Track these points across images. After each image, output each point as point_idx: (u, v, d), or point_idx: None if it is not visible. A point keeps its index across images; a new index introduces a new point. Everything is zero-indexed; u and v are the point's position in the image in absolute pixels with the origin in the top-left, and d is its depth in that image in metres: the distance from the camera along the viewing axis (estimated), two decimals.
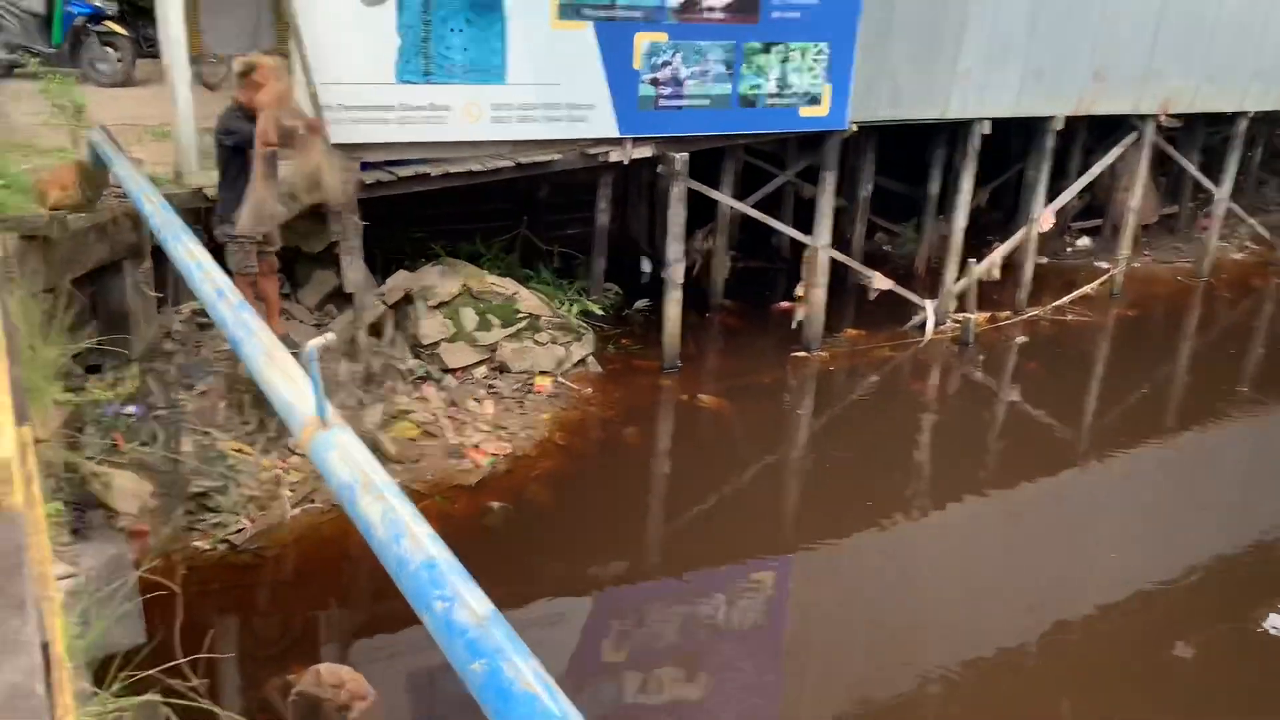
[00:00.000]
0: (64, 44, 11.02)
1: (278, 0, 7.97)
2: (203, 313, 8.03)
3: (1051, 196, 13.47)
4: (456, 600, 2.59)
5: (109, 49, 11.13)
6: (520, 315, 9.85)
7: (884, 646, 6.98)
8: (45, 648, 1.43)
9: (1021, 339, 12.22)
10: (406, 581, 2.76)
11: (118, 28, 11.13)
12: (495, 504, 7.92)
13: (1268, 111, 14.46)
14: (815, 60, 9.87)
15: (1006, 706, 6.39)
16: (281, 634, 6.60)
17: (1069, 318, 12.92)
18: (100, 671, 3.78)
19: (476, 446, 8.55)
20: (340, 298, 9.13)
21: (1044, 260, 14.55)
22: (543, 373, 9.72)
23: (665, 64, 9.26)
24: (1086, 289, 13.39)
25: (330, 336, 3.41)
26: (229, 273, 7.38)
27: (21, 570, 1.23)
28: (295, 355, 3.53)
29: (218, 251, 7.59)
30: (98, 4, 11.01)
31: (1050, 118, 11.95)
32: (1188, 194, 16.55)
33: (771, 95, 9.87)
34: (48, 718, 1.04)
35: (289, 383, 3.63)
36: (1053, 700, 6.49)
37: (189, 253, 4.95)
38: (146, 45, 11.45)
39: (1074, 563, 8.11)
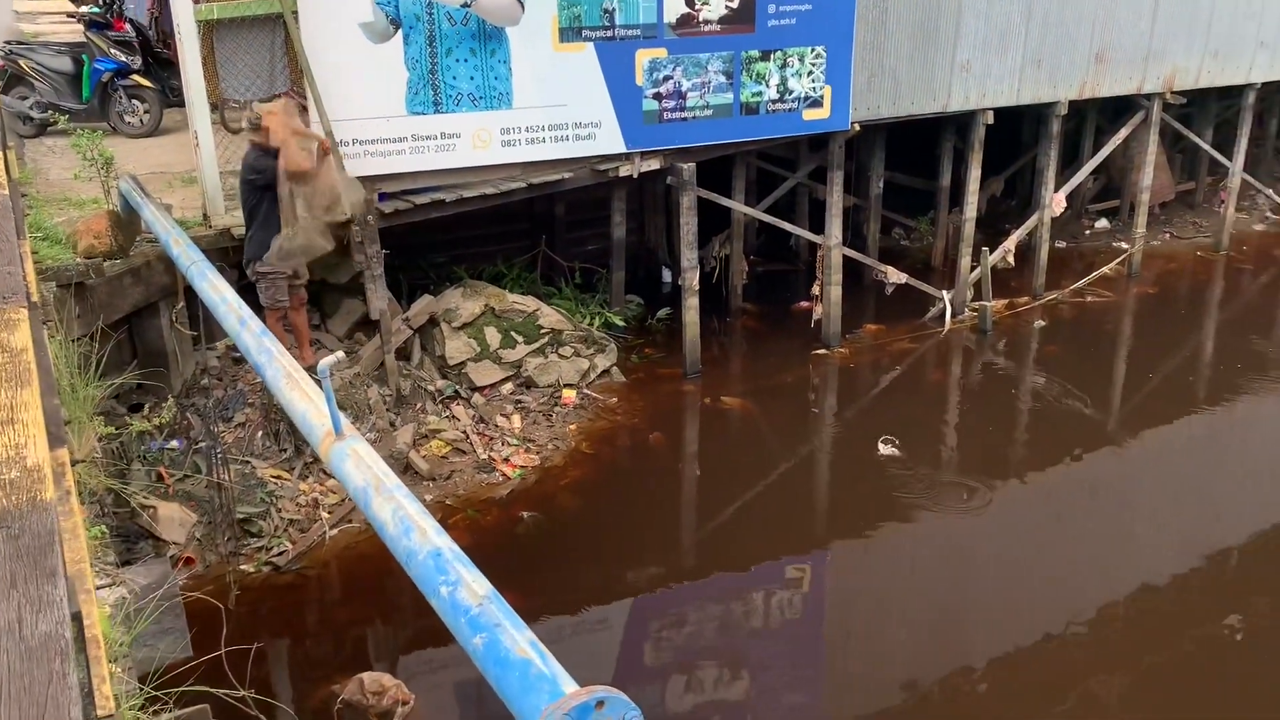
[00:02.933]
0: (93, 99, 11.50)
1: (289, 43, 8.32)
2: (236, 348, 8.39)
3: (1065, 180, 13.57)
4: (460, 583, 2.84)
5: (136, 102, 11.59)
6: (543, 331, 10.12)
7: (924, 635, 7.11)
8: (77, 616, 1.69)
9: (1040, 323, 12.31)
10: (416, 570, 3.02)
11: (143, 81, 11.59)
12: (526, 514, 8.18)
13: (1277, 81, 14.45)
14: (814, 64, 10.09)
15: (1054, 688, 6.47)
16: (326, 648, 6.89)
17: (1088, 299, 12.98)
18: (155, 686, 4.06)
19: (506, 460, 8.82)
20: (368, 325, 9.46)
21: (1062, 244, 14.65)
22: (568, 385, 9.99)
23: (667, 78, 9.52)
24: (1104, 270, 13.44)
25: (340, 355, 3.68)
26: (260, 309, 7.79)
27: (54, 548, 1.49)
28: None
29: (250, 289, 7.99)
30: (123, 59, 11.48)
31: (1054, 103, 12.06)
32: (1204, 169, 16.53)
33: (773, 101, 10.09)
34: (74, 661, 1.29)
35: (307, 401, 3.91)
36: (1103, 679, 6.56)
37: (214, 288, 5.28)
38: (172, 95, 11.91)
39: (1112, 542, 8.20)
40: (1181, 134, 14.92)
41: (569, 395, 9.86)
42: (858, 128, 10.73)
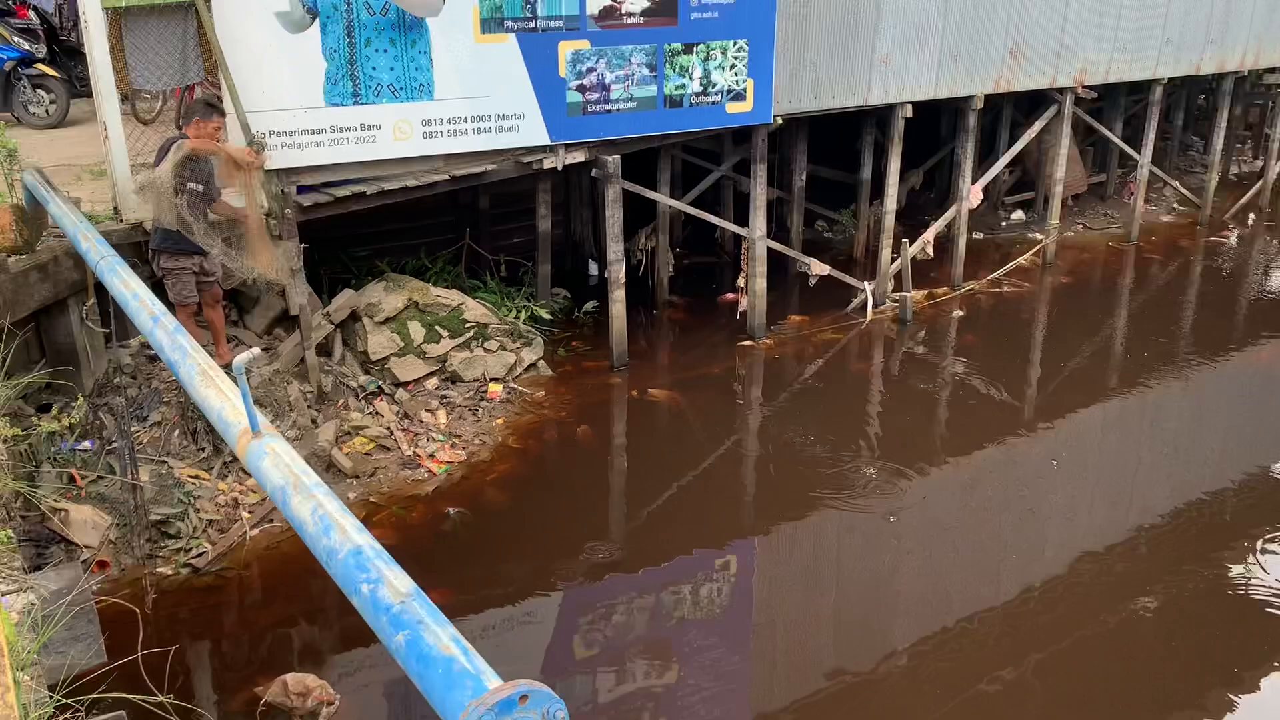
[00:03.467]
0: None
1: (202, 33, 8.11)
2: (151, 345, 8.18)
3: (982, 173, 13.87)
4: (381, 581, 2.80)
5: (41, 92, 11.21)
6: (468, 325, 10.03)
7: (851, 621, 7.20)
8: None
9: (959, 313, 12.58)
10: (336, 569, 2.97)
11: (49, 70, 11.21)
12: (453, 510, 8.11)
13: (1183, 77, 14.95)
14: (736, 57, 10.15)
15: (976, 669, 6.62)
16: (248, 650, 6.75)
17: (1004, 289, 13.30)
18: (67, 693, 3.94)
19: (432, 456, 8.73)
20: (287, 321, 9.29)
21: (980, 235, 14.98)
22: (494, 380, 9.92)
23: (590, 70, 9.49)
24: (1020, 260, 13.79)
25: (256, 351, 3.61)
26: (170, 306, 7.58)
27: None
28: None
29: (159, 286, 7.78)
30: (26, 48, 11.09)
31: (970, 97, 12.30)
32: (1114, 162, 17.04)
33: (697, 94, 10.13)
34: None
35: (223, 398, 3.83)
36: (1021, 660, 6.73)
37: (125, 284, 5.13)
38: (80, 85, 11.56)
39: (1032, 526, 8.42)
40: (1093, 127, 15.36)
41: (495, 389, 9.80)
42: (780, 121, 10.83)
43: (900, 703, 6.41)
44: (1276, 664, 6.68)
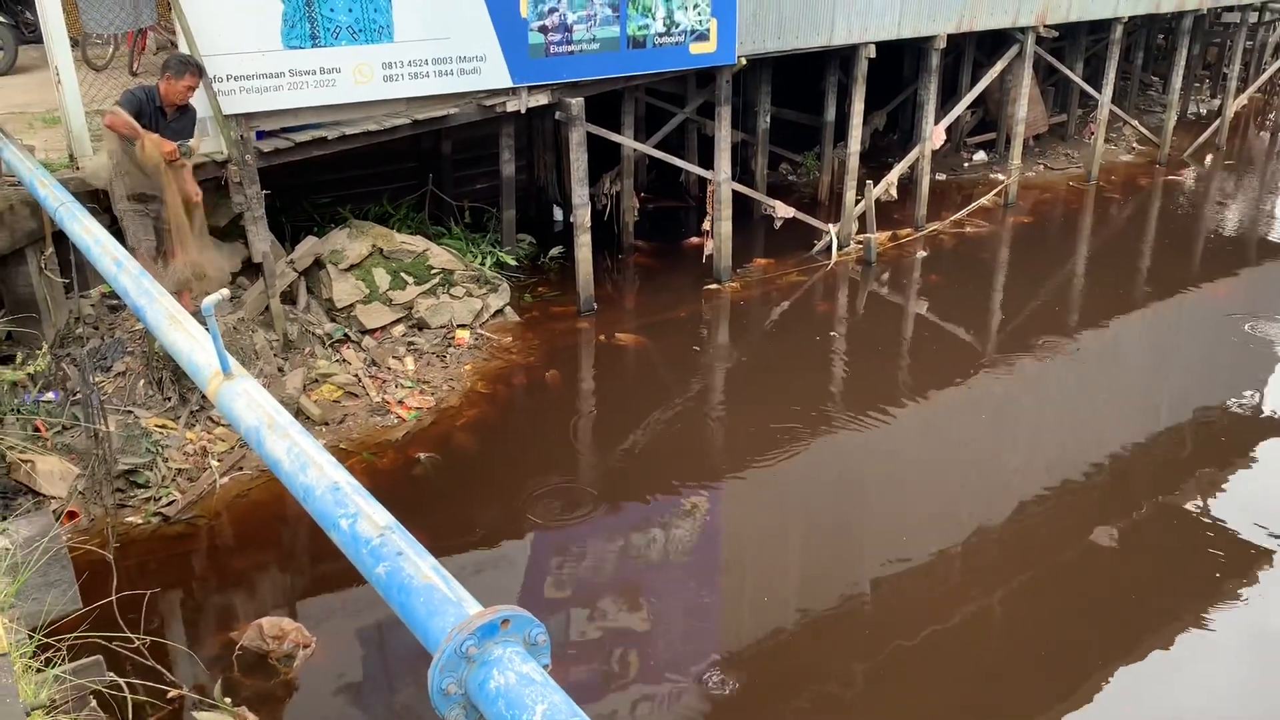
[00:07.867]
0: None
1: None
2: (112, 295, 8.08)
3: (944, 115, 13.90)
4: (359, 515, 2.83)
5: None
6: (433, 271, 9.99)
7: (817, 558, 7.33)
8: None
9: (922, 254, 12.68)
10: (314, 506, 2.98)
11: None
12: (423, 455, 8.13)
13: (1143, 15, 15.00)
14: None
15: (941, 603, 6.76)
16: (221, 596, 6.78)
17: (967, 230, 13.41)
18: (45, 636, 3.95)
19: (400, 402, 8.74)
20: (250, 269, 9.18)
21: (942, 176, 15.05)
22: (461, 326, 9.90)
23: (552, 10, 9.38)
24: (982, 200, 13.88)
25: (225, 293, 3.59)
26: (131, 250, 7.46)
27: None
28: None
29: (122, 235, 7.67)
30: None
31: (933, 37, 12.29)
32: (1075, 102, 17.12)
33: (660, 34, 10.05)
34: None
35: (192, 341, 3.82)
36: (984, 593, 6.89)
37: (86, 230, 5.07)
38: (28, 31, 11.26)
39: (992, 462, 8.57)
40: (1054, 67, 15.41)
41: (462, 336, 9.79)
42: (744, 62, 10.77)
43: (868, 635, 6.57)
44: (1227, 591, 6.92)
